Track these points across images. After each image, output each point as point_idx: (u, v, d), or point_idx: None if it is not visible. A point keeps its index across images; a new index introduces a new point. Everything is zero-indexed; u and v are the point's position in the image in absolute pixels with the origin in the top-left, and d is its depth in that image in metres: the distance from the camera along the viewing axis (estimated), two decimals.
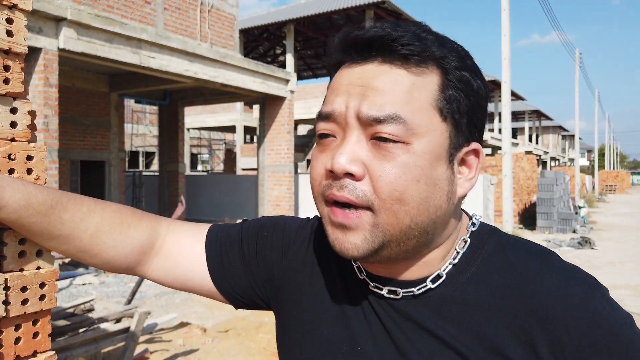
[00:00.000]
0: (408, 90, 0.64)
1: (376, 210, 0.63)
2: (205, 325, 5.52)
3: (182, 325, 5.48)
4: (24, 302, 0.72)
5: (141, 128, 26.78)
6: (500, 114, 22.42)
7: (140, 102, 22.85)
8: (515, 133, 44.75)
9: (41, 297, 0.74)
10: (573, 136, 51.90)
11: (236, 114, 23.05)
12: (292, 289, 0.82)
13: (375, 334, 0.71)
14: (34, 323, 0.74)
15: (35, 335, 0.74)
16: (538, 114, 42.91)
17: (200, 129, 27.48)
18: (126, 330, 3.82)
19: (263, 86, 11.66)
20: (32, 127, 0.76)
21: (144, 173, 19.86)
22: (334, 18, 17.02)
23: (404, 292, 0.70)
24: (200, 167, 37.12)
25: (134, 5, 9.37)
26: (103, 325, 4.16)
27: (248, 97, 13.38)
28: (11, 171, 0.72)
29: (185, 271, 0.86)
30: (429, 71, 0.65)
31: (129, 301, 4.74)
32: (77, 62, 9.70)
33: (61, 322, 4.08)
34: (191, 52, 9.60)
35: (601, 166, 70.70)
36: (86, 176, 12.59)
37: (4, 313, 0.69)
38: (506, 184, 13.35)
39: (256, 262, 0.85)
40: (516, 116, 41.10)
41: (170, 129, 14.43)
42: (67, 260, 7.74)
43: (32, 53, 6.88)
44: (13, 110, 0.74)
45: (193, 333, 5.20)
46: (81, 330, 3.99)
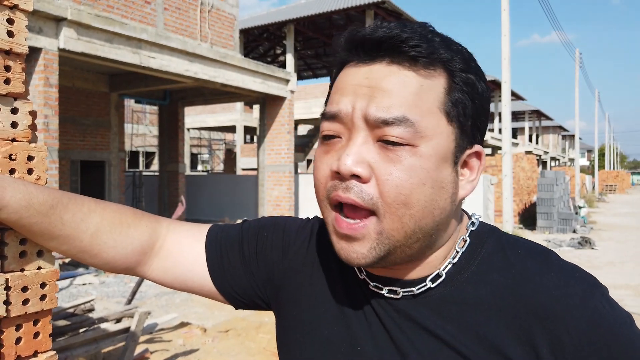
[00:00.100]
0: (416, 92, 0.63)
1: (380, 214, 0.63)
2: (205, 325, 5.52)
3: (182, 325, 5.48)
4: (25, 302, 0.72)
5: (141, 128, 26.76)
6: (500, 114, 22.40)
7: (140, 102, 22.85)
8: (515, 133, 44.74)
9: (42, 297, 0.74)
10: (573, 136, 51.89)
11: (236, 114, 23.04)
12: (292, 289, 0.82)
13: (375, 334, 0.71)
14: (35, 323, 0.74)
15: (36, 335, 0.74)
16: (538, 114, 42.90)
17: (200, 129, 27.47)
18: (126, 330, 3.83)
19: (263, 86, 11.66)
20: (33, 128, 0.76)
21: (144, 173, 19.85)
22: (334, 18, 17.02)
23: (404, 292, 0.70)
24: (200, 167, 37.09)
25: (134, 5, 9.36)
26: (103, 325, 4.17)
27: (248, 97, 13.38)
28: (12, 171, 0.72)
29: (185, 271, 0.85)
30: (437, 73, 0.65)
31: (129, 301, 4.74)
32: (77, 62, 9.70)
33: (61, 322, 4.09)
34: (191, 52, 9.59)
35: (601, 166, 70.68)
36: (86, 176, 12.58)
37: (5, 313, 0.69)
38: (506, 184, 13.35)
39: (256, 263, 0.85)
40: (516, 116, 41.09)
41: (170, 129, 14.43)
42: (68, 260, 7.74)
43: (33, 53, 6.87)
44: (14, 110, 0.73)
45: (193, 333, 5.20)
46: (81, 330, 3.99)
